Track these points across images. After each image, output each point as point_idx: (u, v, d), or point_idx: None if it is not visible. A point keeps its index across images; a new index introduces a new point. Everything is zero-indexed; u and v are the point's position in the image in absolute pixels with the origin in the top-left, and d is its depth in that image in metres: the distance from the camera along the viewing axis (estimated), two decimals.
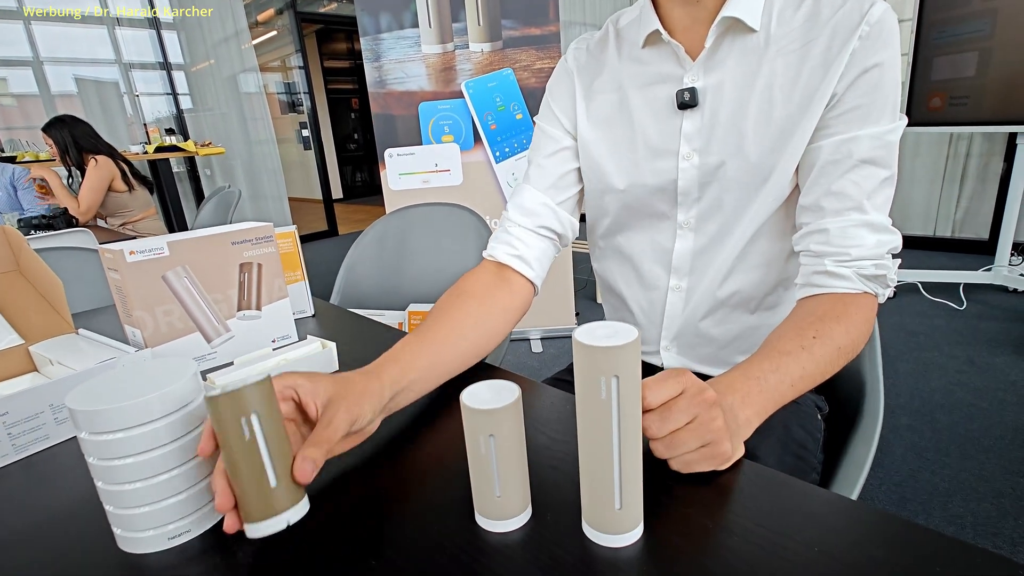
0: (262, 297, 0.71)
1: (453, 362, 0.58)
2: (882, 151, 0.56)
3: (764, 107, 0.60)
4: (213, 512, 0.40)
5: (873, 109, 0.56)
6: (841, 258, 0.57)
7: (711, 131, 0.63)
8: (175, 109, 4.64)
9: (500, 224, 0.73)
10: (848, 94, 0.56)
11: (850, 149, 0.56)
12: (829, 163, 0.58)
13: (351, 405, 0.42)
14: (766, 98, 0.60)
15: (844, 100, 0.57)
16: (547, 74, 2.11)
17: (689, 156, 0.65)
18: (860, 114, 0.56)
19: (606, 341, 0.31)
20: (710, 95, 0.63)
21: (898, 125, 0.57)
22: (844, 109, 0.57)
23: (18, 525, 0.42)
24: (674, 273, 0.71)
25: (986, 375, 1.84)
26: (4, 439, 0.50)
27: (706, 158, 0.64)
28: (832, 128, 0.58)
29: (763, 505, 0.38)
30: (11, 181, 2.60)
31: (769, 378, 0.48)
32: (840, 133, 0.57)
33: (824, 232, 0.58)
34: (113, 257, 0.61)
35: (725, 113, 0.62)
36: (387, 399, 0.48)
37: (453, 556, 0.36)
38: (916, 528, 0.34)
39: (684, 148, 0.65)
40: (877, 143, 0.56)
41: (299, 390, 0.42)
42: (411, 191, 2.22)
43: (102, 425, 0.35)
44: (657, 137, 0.66)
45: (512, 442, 0.35)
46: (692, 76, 0.63)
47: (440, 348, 0.56)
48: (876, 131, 0.56)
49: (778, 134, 0.60)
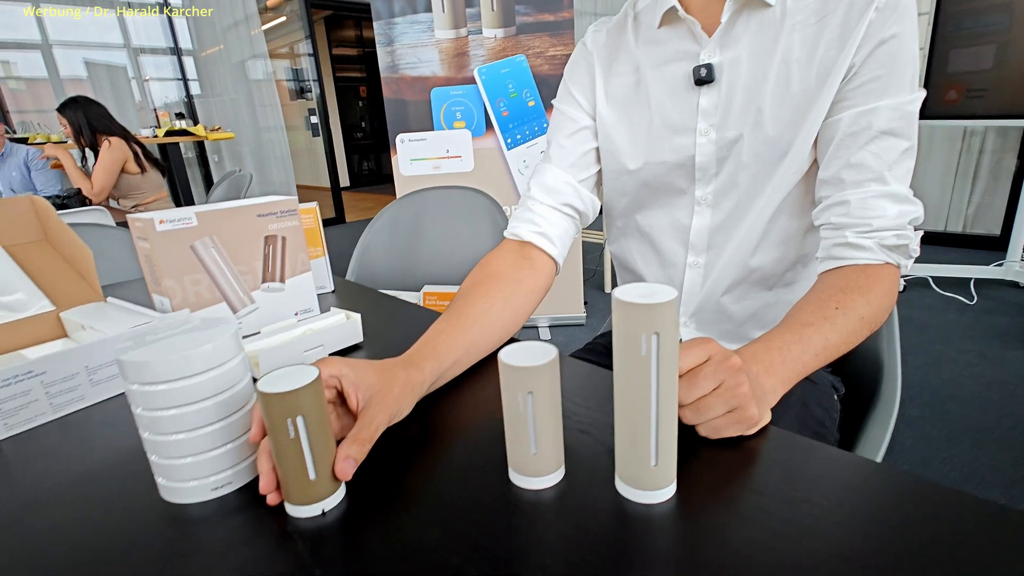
0: (286, 270, 0.72)
1: (486, 344, 0.59)
2: (902, 122, 0.56)
3: (781, 81, 0.60)
4: (254, 466, 0.41)
5: (892, 80, 0.56)
6: (862, 229, 0.57)
7: (728, 106, 0.63)
8: (185, 94, 4.64)
9: (521, 203, 0.74)
10: (866, 66, 0.57)
11: (869, 120, 0.57)
12: (848, 135, 0.58)
13: (391, 404, 0.43)
14: (783, 72, 0.60)
15: (862, 72, 0.57)
16: (560, 61, 2.10)
17: (706, 132, 0.65)
18: (879, 85, 0.56)
19: (647, 299, 0.32)
20: (727, 70, 0.63)
21: (917, 96, 0.57)
22: (862, 81, 0.57)
23: (62, 478, 0.44)
24: (692, 250, 0.72)
25: (997, 368, 1.84)
26: (43, 398, 0.51)
27: (723, 133, 0.64)
28: (851, 100, 0.58)
29: (791, 468, 0.39)
30: (24, 162, 2.62)
31: (792, 348, 0.49)
32: (859, 105, 0.57)
33: (845, 204, 0.58)
34: (143, 226, 0.62)
35: (742, 88, 0.62)
36: (426, 389, 0.49)
37: (489, 511, 0.37)
38: (947, 491, 0.35)
39: (701, 124, 0.65)
40: (896, 114, 0.56)
41: (343, 380, 0.43)
42: (422, 177, 2.22)
43: (148, 376, 0.36)
44: (674, 114, 0.67)
45: (549, 400, 0.36)
46: (708, 52, 0.63)
47: (474, 332, 0.57)
48: (895, 102, 0.56)
49: (795, 108, 0.60)
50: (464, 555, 0.33)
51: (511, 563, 0.32)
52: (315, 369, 0.36)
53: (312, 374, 0.35)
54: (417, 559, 0.33)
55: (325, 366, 0.42)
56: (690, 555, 0.32)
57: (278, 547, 0.35)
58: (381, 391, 0.43)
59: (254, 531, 0.36)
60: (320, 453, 0.36)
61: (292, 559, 0.33)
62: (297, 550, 0.34)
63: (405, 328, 0.73)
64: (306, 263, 0.74)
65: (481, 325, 0.58)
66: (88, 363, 0.53)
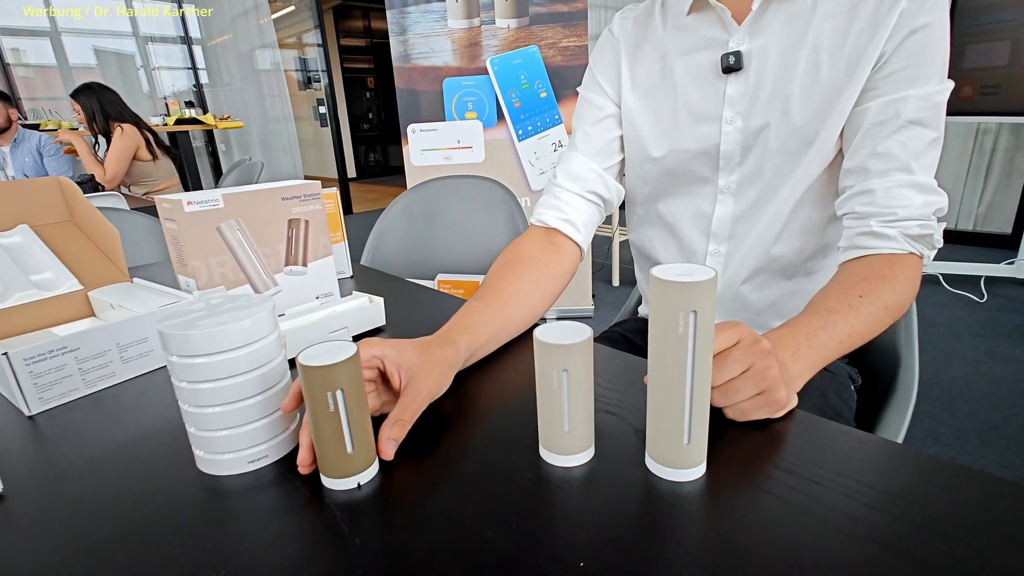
0: (308, 253, 0.73)
1: (517, 324, 0.60)
2: (930, 112, 0.56)
3: (810, 70, 0.60)
4: (289, 441, 0.42)
5: (922, 70, 0.56)
6: (887, 218, 0.57)
7: (755, 95, 0.63)
8: (194, 82, 4.65)
9: (547, 190, 0.75)
10: (897, 54, 0.56)
11: (898, 110, 0.57)
12: (876, 124, 0.58)
13: (432, 383, 0.45)
14: (812, 61, 0.60)
15: (892, 61, 0.57)
16: (573, 52, 2.09)
17: (732, 120, 0.65)
18: (909, 75, 0.56)
19: (685, 278, 0.32)
20: (755, 58, 0.63)
21: (946, 86, 0.57)
22: (892, 70, 0.57)
23: (98, 449, 0.44)
24: (713, 238, 0.72)
25: (1007, 365, 1.83)
26: (76, 374, 0.52)
27: (750, 122, 0.64)
28: (879, 89, 0.58)
29: (820, 450, 0.39)
30: (37, 148, 2.63)
31: (818, 335, 0.49)
32: (888, 94, 0.57)
33: (870, 193, 0.58)
34: (171, 207, 0.62)
35: (770, 77, 0.62)
36: (461, 365, 0.50)
37: (521, 487, 0.37)
38: (980, 474, 0.35)
39: (727, 112, 0.65)
40: (925, 104, 0.56)
41: (385, 360, 0.44)
42: (433, 167, 2.22)
43: (189, 349, 0.37)
44: (700, 102, 0.67)
45: (583, 378, 0.37)
46: (737, 40, 0.63)
47: (506, 311, 0.58)
48: (924, 92, 0.56)
49: (824, 97, 0.60)
50: (498, 529, 0.34)
51: (544, 538, 0.33)
52: (353, 345, 0.37)
53: (351, 350, 0.36)
54: (452, 532, 0.34)
55: (367, 347, 0.43)
56: (722, 531, 0.32)
57: (316, 518, 0.35)
58: (422, 371, 0.44)
59: (291, 503, 0.37)
60: (357, 427, 0.37)
61: (330, 530, 0.34)
62: (335, 521, 0.35)
63: (426, 312, 0.73)
64: (328, 247, 0.75)
65: (513, 304, 0.60)
66: (119, 340, 0.54)
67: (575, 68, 2.09)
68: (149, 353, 0.57)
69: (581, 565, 0.30)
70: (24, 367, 0.49)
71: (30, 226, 0.69)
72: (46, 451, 0.45)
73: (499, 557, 0.31)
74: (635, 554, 0.31)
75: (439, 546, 0.32)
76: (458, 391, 0.51)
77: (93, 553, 0.33)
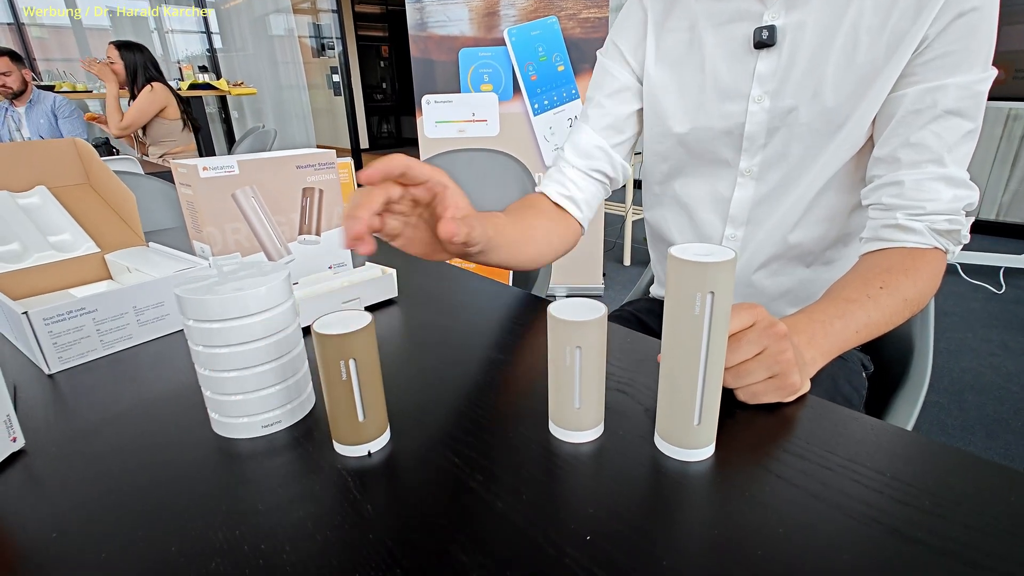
0: (322, 223, 0.73)
1: (526, 252, 0.63)
2: (969, 102, 0.54)
3: (848, 50, 0.58)
4: (302, 407, 0.43)
5: (966, 56, 0.53)
6: (914, 212, 0.56)
7: (787, 73, 0.61)
8: (208, 46, 4.60)
9: (555, 161, 0.74)
10: (940, 39, 0.54)
11: (936, 98, 0.54)
12: (911, 112, 0.56)
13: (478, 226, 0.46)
14: (851, 40, 0.57)
15: (934, 45, 0.54)
16: (593, 24, 2.04)
17: (760, 99, 0.63)
18: (951, 61, 0.54)
19: (704, 258, 0.32)
20: (790, 34, 0.60)
21: (990, 75, 0.54)
22: (934, 55, 0.54)
23: (117, 408, 0.45)
24: (730, 222, 0.71)
25: (1019, 359, 1.81)
26: (94, 335, 0.52)
27: (778, 102, 0.62)
28: (918, 75, 0.55)
29: (831, 435, 0.39)
30: (52, 109, 2.63)
31: (834, 323, 0.48)
32: (927, 81, 0.55)
33: (898, 185, 0.57)
34: (187, 172, 0.62)
35: (804, 54, 0.60)
36: (489, 236, 0.51)
37: (530, 460, 0.38)
38: (990, 463, 0.35)
39: (756, 90, 0.63)
40: (965, 93, 0.54)
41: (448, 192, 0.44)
42: (447, 139, 2.20)
43: (206, 314, 0.37)
44: (728, 78, 0.65)
45: (596, 355, 0.37)
46: (773, 13, 0.61)
47: (523, 234, 0.62)
48: (966, 80, 0.53)
49: (859, 79, 0.58)
50: (508, 501, 0.34)
51: (553, 510, 0.33)
52: (368, 316, 0.37)
53: (366, 319, 0.36)
54: (462, 501, 0.34)
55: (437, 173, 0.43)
56: (729, 511, 0.32)
57: (328, 483, 0.36)
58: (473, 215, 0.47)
59: (304, 468, 0.38)
60: (369, 396, 0.37)
61: (342, 495, 0.35)
62: (347, 486, 0.36)
63: (438, 283, 0.74)
64: (341, 217, 0.74)
65: (526, 236, 0.63)
66: (136, 303, 0.55)
67: (594, 41, 2.04)
68: (165, 317, 0.58)
69: (588, 539, 0.31)
70: (44, 326, 0.49)
71: (48, 187, 0.69)
72: (65, 409, 0.46)
73: (508, 526, 0.32)
74: (642, 530, 0.31)
75: (449, 514, 0.33)
76: (471, 366, 0.51)
77: (110, 509, 0.34)
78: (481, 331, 0.58)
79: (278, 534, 0.32)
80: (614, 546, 0.30)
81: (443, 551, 0.30)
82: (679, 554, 0.29)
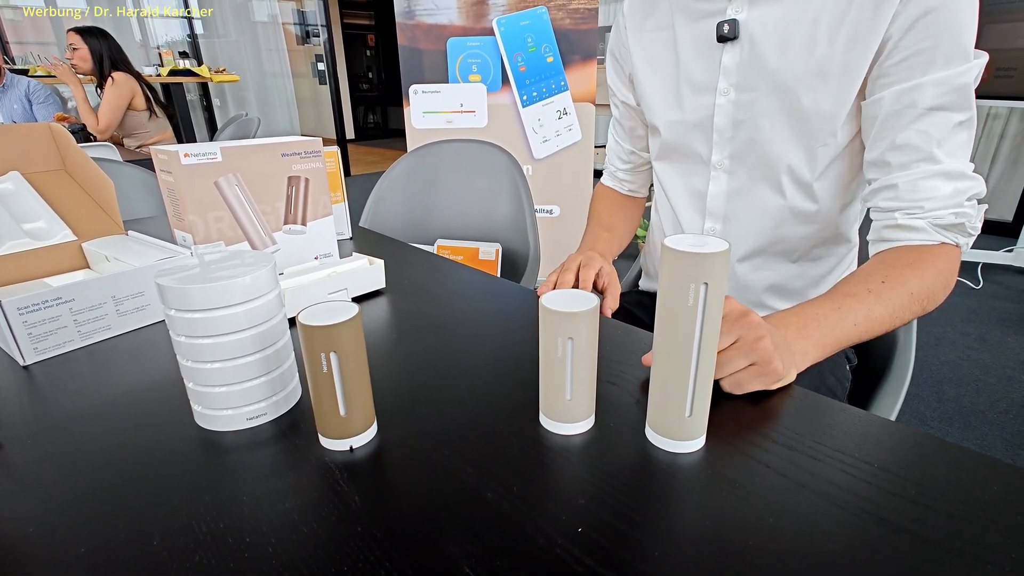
0: (308, 212, 0.71)
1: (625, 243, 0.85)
2: (952, 95, 0.52)
3: (807, 44, 0.58)
4: (288, 399, 0.42)
5: (939, 52, 0.52)
6: (913, 212, 0.55)
7: (749, 66, 0.62)
8: (188, 32, 4.49)
9: (607, 158, 0.90)
10: (908, 37, 0.52)
11: (914, 98, 0.53)
12: (892, 115, 0.55)
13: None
14: (810, 34, 0.57)
15: (904, 45, 0.53)
16: (582, 15, 2.02)
17: (727, 92, 0.64)
18: (925, 59, 0.52)
19: (699, 249, 0.32)
20: (751, 28, 0.61)
21: (971, 65, 0.52)
22: (905, 55, 0.53)
23: (94, 400, 0.44)
24: (709, 216, 0.71)
25: (996, 352, 1.85)
26: (71, 325, 0.51)
27: (742, 94, 0.63)
28: (893, 76, 0.54)
29: (819, 426, 0.39)
30: (26, 94, 2.56)
31: (829, 315, 0.49)
32: (902, 81, 0.53)
33: (893, 188, 0.56)
34: (168, 159, 0.60)
35: (765, 47, 0.60)
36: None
37: (520, 451, 0.37)
38: (974, 453, 0.36)
39: (722, 83, 0.64)
40: (945, 88, 0.52)
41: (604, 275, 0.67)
42: (434, 130, 2.17)
43: (188, 303, 0.36)
44: (698, 71, 0.66)
45: (587, 347, 0.36)
46: (735, 8, 0.61)
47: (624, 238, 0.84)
48: (943, 75, 0.52)
49: (818, 72, 0.58)
50: (497, 492, 0.34)
51: (543, 502, 0.33)
52: (355, 308, 0.36)
53: (352, 311, 0.35)
54: (452, 492, 0.34)
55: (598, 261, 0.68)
56: (720, 501, 0.32)
57: (315, 476, 0.35)
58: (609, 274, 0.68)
59: (290, 460, 0.37)
60: (352, 391, 0.36)
61: (329, 488, 0.34)
62: (334, 479, 0.35)
63: (425, 276, 0.73)
64: (328, 207, 0.73)
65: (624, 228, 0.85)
66: (115, 293, 0.53)
67: (584, 33, 2.03)
68: (145, 307, 0.57)
69: (579, 530, 0.31)
70: (18, 316, 0.48)
71: (22, 173, 0.67)
72: (42, 401, 0.45)
73: (499, 518, 0.32)
74: (633, 520, 0.31)
75: (438, 505, 0.33)
76: (460, 357, 0.50)
77: (89, 503, 0.33)
78: (470, 322, 0.58)
79: (263, 526, 0.31)
80: (605, 537, 0.30)
81: (433, 543, 0.30)
82: (670, 544, 0.29)
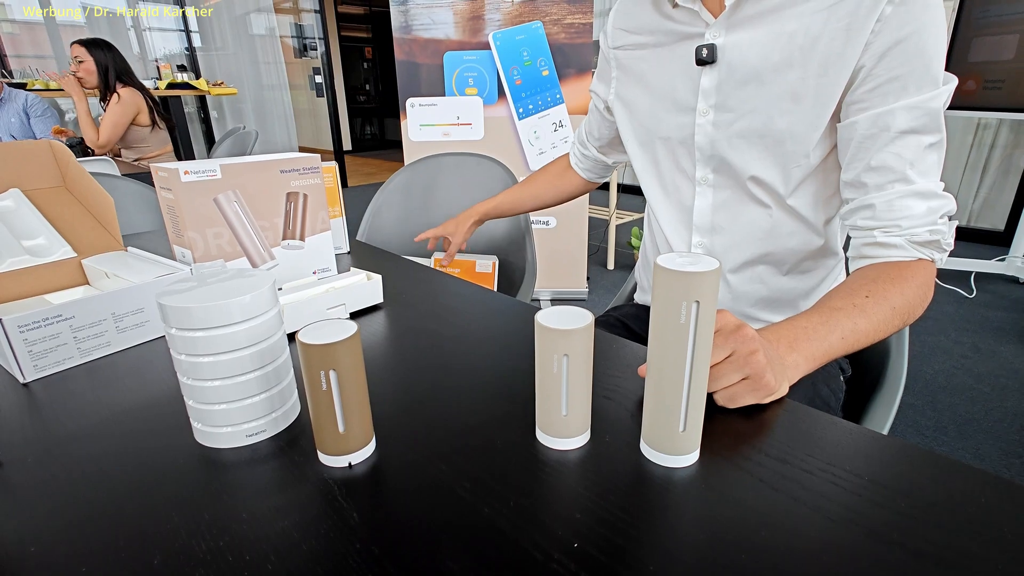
0: (306, 227, 0.72)
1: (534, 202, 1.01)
2: (924, 119, 0.54)
3: (781, 67, 0.60)
4: (286, 416, 0.42)
5: (911, 79, 0.53)
6: (890, 230, 0.57)
7: (726, 88, 0.64)
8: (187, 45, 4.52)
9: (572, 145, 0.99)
10: (882, 65, 0.54)
11: (887, 122, 0.55)
12: (867, 138, 0.56)
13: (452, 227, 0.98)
14: (785, 58, 0.59)
15: (877, 73, 0.55)
16: (577, 30, 2.05)
17: (706, 112, 0.66)
18: (897, 86, 0.54)
19: (690, 267, 0.32)
20: (729, 52, 0.63)
21: (942, 90, 0.54)
22: (879, 82, 0.55)
23: (95, 417, 0.44)
24: (696, 231, 0.73)
25: (990, 361, 1.87)
26: (71, 342, 0.51)
27: (720, 115, 0.65)
28: (866, 102, 0.56)
29: (812, 439, 0.40)
30: (24, 108, 2.57)
31: (818, 328, 0.49)
32: (875, 107, 0.55)
33: (870, 208, 0.58)
34: (168, 176, 0.61)
35: (742, 71, 0.62)
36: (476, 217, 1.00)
37: (517, 466, 0.38)
38: (964, 466, 0.36)
39: (701, 104, 0.66)
40: (917, 112, 0.54)
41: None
42: (431, 143, 2.19)
43: (189, 322, 0.37)
44: (680, 91, 0.68)
45: (583, 363, 0.37)
46: (713, 33, 0.63)
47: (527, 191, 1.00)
48: (915, 101, 0.54)
49: (792, 96, 0.59)
50: (494, 507, 0.34)
51: (540, 516, 0.33)
52: (354, 326, 0.37)
53: (351, 330, 0.36)
54: (449, 507, 0.34)
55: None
56: (713, 516, 0.33)
57: (314, 492, 0.36)
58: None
59: (289, 477, 0.37)
60: (351, 408, 0.37)
61: (328, 504, 0.35)
62: (333, 495, 0.35)
63: (424, 289, 0.73)
64: (326, 222, 0.74)
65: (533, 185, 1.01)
66: (115, 310, 0.54)
67: (579, 47, 2.06)
68: (145, 324, 0.57)
69: (575, 545, 0.31)
70: (18, 334, 0.48)
71: (22, 190, 0.67)
72: (42, 419, 0.45)
73: (496, 533, 0.32)
74: (629, 535, 0.31)
75: (436, 521, 0.33)
76: (457, 372, 0.51)
77: (90, 521, 0.34)
78: (467, 338, 0.58)
79: (263, 544, 0.32)
80: (601, 551, 0.30)
81: (430, 558, 0.30)
82: (665, 559, 0.30)
